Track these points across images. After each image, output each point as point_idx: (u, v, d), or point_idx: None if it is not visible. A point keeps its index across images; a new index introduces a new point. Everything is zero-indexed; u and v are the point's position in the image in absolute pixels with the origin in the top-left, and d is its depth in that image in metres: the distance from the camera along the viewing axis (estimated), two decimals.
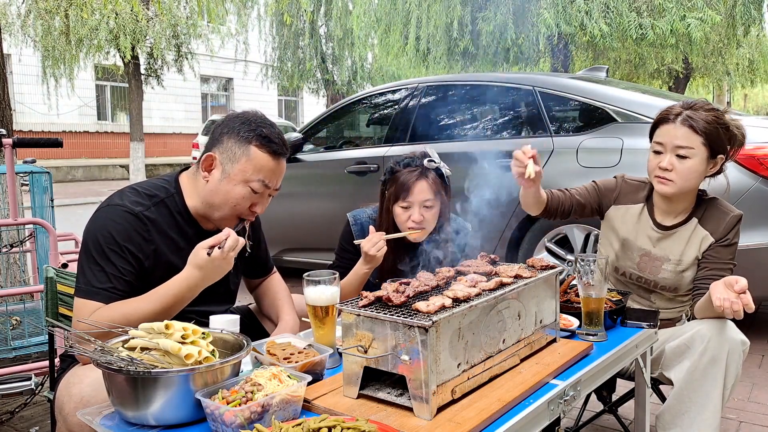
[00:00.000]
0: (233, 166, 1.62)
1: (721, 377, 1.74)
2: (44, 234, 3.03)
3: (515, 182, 1.94)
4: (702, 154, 1.86)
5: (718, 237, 1.94)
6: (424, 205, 2.08)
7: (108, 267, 1.51)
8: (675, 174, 1.87)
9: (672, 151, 1.87)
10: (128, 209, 1.58)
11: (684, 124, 1.85)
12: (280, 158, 1.66)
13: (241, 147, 1.62)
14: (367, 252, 1.97)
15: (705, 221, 1.96)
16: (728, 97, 21.37)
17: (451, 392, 1.24)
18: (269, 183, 1.65)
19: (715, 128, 1.84)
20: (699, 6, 9.33)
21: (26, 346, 2.60)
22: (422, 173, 2.10)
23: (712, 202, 1.99)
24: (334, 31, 17.28)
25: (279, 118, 20.82)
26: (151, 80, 15.14)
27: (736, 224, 1.94)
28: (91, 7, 12.66)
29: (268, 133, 1.63)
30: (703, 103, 1.90)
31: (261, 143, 1.62)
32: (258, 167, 1.62)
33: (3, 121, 3.49)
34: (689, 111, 1.86)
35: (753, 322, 3.93)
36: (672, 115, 1.88)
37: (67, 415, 1.33)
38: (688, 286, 2.00)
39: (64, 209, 4.99)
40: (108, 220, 1.56)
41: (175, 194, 1.67)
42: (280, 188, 1.72)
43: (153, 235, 1.59)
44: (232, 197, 1.62)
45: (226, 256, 1.46)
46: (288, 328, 1.79)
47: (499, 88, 4.23)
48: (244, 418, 1.09)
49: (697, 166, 1.86)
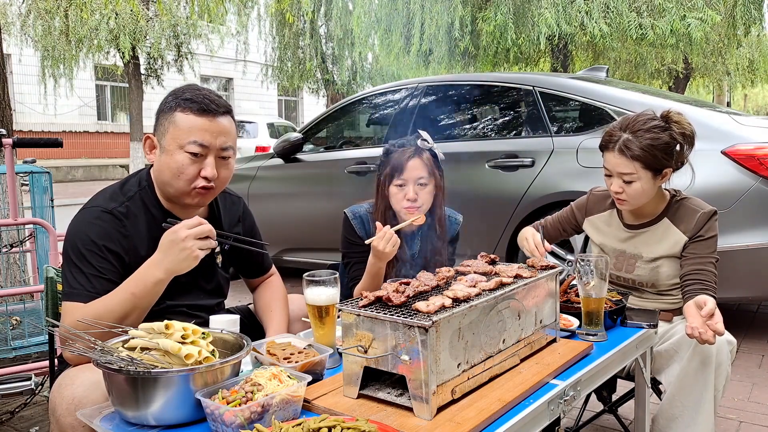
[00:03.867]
0: (165, 138, 1.61)
1: (711, 379, 1.75)
2: (44, 234, 3.03)
3: (515, 182, 1.97)
4: (645, 176, 1.91)
5: (692, 234, 1.96)
6: (419, 183, 2.11)
7: (86, 268, 1.53)
8: (626, 195, 1.95)
9: (618, 177, 1.94)
10: (102, 208, 1.60)
11: (620, 153, 1.90)
12: (208, 115, 1.60)
13: (168, 117, 1.61)
14: (383, 250, 1.95)
15: (677, 220, 1.99)
16: (728, 97, 21.35)
17: (451, 392, 1.24)
18: (204, 142, 1.59)
19: (651, 152, 1.88)
20: (699, 6, 9.33)
21: (26, 346, 2.60)
22: (415, 152, 2.13)
23: (684, 201, 2.02)
24: (335, 31, 17.27)
25: (279, 118, 20.81)
26: (151, 80, 15.14)
27: (707, 221, 1.95)
28: (91, 7, 12.66)
29: (191, 95, 1.61)
30: (644, 119, 1.92)
31: (184, 106, 1.60)
32: (186, 129, 1.59)
33: (3, 121, 3.49)
34: (627, 135, 1.90)
35: (753, 322, 3.93)
36: (611, 142, 1.94)
37: (59, 416, 1.33)
38: (666, 281, 2.02)
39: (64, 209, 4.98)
40: (84, 223, 1.58)
41: (146, 187, 1.68)
42: (230, 148, 1.65)
43: (130, 230, 1.61)
44: (174, 167, 1.59)
45: (185, 237, 1.43)
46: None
47: (499, 88, 4.23)
48: (244, 418, 1.09)
49: (643, 186, 1.92)
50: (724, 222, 3.18)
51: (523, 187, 3.64)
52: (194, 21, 14.39)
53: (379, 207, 2.20)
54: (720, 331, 1.65)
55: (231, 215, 1.88)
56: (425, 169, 2.12)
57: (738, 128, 3.29)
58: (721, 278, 3.24)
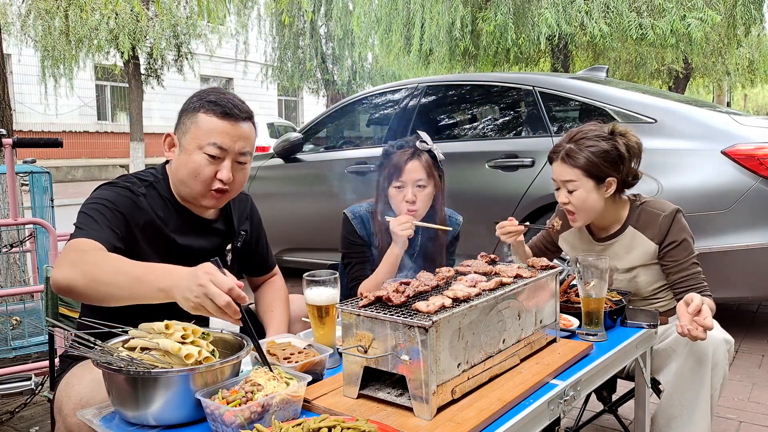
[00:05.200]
0: (186, 138, 1.63)
1: (707, 378, 1.75)
2: (44, 234, 3.03)
3: (515, 182, 1.99)
4: (587, 184, 1.94)
5: (660, 241, 1.95)
6: (417, 185, 2.12)
7: (98, 217, 1.54)
8: (572, 206, 1.98)
9: (563, 186, 1.98)
10: (121, 185, 1.63)
11: (563, 161, 1.96)
12: (231, 119, 1.63)
13: (191, 117, 1.64)
14: (394, 231, 2.03)
15: (641, 227, 1.99)
16: (728, 97, 21.35)
17: (451, 392, 1.24)
18: (224, 145, 1.61)
19: (591, 160, 1.92)
20: (699, 6, 9.32)
21: (26, 346, 2.60)
22: (414, 153, 2.14)
23: (644, 206, 2.02)
24: (335, 31, 17.29)
25: (279, 118, 20.82)
26: (151, 80, 15.14)
27: (672, 223, 1.94)
28: (91, 7, 12.66)
29: (215, 98, 1.64)
30: (588, 129, 1.97)
31: (207, 108, 1.62)
32: (207, 130, 1.61)
33: (3, 121, 3.49)
34: (570, 145, 1.96)
35: (753, 322, 3.93)
36: (556, 153, 1.99)
37: (66, 416, 1.33)
38: (647, 288, 2.03)
39: (64, 209, 4.99)
40: (99, 191, 1.62)
41: (162, 180, 1.71)
42: (248, 153, 1.67)
43: (145, 206, 1.63)
44: (191, 167, 1.61)
45: (205, 284, 1.18)
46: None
47: (499, 88, 4.23)
48: (244, 418, 1.09)
49: (586, 195, 1.95)
50: (724, 222, 3.20)
51: (523, 187, 3.64)
52: (194, 21, 14.40)
53: (378, 207, 2.21)
54: (708, 325, 1.64)
55: (240, 212, 1.90)
56: (424, 171, 2.12)
57: (738, 128, 3.29)
58: (721, 278, 3.26)
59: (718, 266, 3.14)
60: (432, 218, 2.19)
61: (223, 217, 1.82)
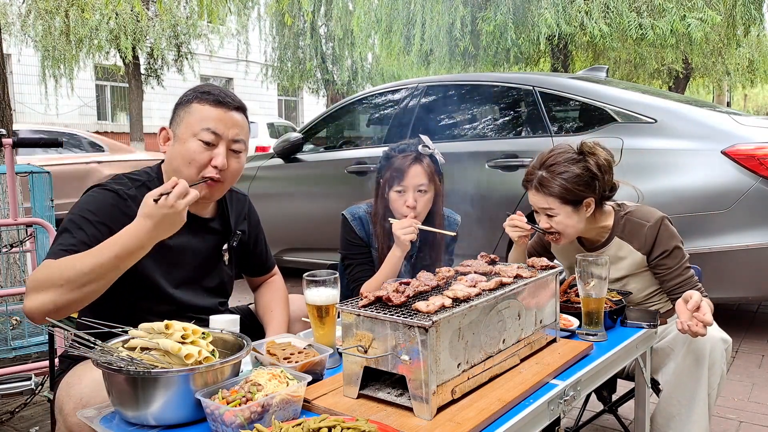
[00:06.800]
0: (180, 128, 1.65)
1: (704, 377, 1.75)
2: (44, 234, 3.03)
3: (515, 182, 1.98)
4: (565, 210, 1.92)
5: (647, 251, 1.94)
6: (418, 190, 2.12)
7: (77, 233, 1.52)
8: (555, 229, 1.96)
9: (542, 212, 1.97)
10: (109, 188, 1.62)
11: (537, 190, 1.95)
12: (224, 107, 1.65)
13: (185, 109, 1.66)
14: (397, 234, 2.02)
15: (627, 237, 1.98)
16: (728, 97, 21.35)
17: (451, 392, 1.24)
18: (217, 130, 1.63)
19: (564, 187, 1.89)
20: (699, 6, 9.33)
21: (26, 346, 2.60)
22: (416, 158, 2.13)
23: (629, 216, 2.00)
24: (335, 31, 17.28)
25: (279, 118, 20.82)
26: (151, 80, 15.15)
27: (657, 233, 1.92)
28: (91, 7, 12.66)
29: (208, 89, 1.67)
30: (557, 153, 1.94)
31: (201, 98, 1.65)
32: (200, 118, 1.63)
33: (3, 121, 3.49)
34: (542, 172, 1.93)
35: (753, 322, 3.93)
36: (529, 181, 1.98)
37: (66, 416, 1.33)
38: (639, 294, 2.03)
39: None
40: (85, 197, 1.61)
41: (156, 178, 1.70)
42: (242, 141, 1.68)
43: (130, 211, 1.58)
44: (185, 154, 1.62)
45: (173, 204, 1.40)
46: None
47: (499, 88, 4.23)
48: (244, 418, 1.09)
49: (566, 219, 1.93)
50: (724, 222, 3.20)
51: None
52: (194, 21, 14.40)
53: (378, 209, 2.20)
54: (708, 321, 1.64)
55: (238, 211, 1.90)
56: (425, 176, 2.12)
57: (738, 128, 3.29)
58: (721, 278, 3.26)
59: (718, 266, 3.14)
60: (431, 220, 2.19)
61: (220, 216, 1.82)
